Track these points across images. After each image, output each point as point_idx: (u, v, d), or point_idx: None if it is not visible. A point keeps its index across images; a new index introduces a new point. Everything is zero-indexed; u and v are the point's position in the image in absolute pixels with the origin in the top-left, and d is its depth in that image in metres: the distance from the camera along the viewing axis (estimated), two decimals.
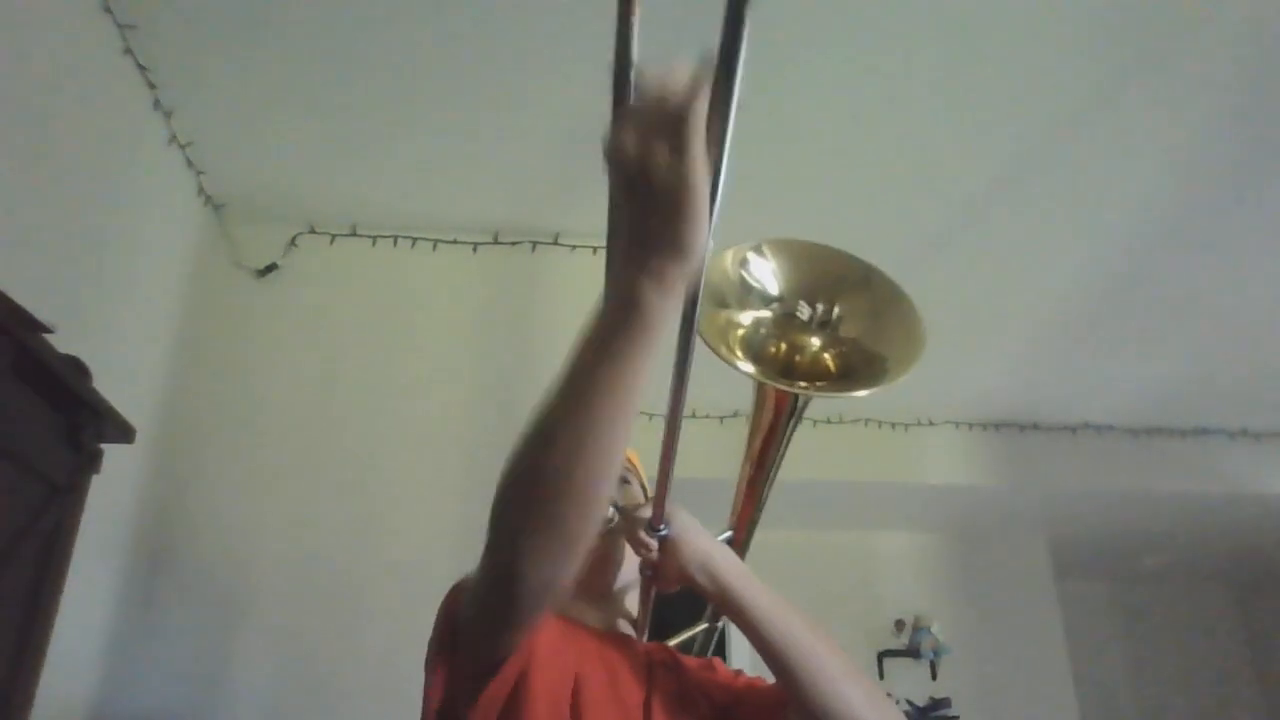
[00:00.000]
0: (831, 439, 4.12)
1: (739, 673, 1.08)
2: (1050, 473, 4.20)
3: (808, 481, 4.12)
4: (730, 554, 0.96)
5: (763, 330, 1.04)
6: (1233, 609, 5.69)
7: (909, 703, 4.34)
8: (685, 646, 1.36)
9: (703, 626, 1.47)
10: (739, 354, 1.01)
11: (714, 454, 2.39)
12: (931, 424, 4.19)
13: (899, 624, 4.46)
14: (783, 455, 1.12)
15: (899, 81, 2.31)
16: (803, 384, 1.04)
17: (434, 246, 2.83)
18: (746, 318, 1.04)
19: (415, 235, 2.83)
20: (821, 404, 4.06)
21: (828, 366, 1.05)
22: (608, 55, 0.60)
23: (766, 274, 1.05)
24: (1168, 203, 2.75)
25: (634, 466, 1.16)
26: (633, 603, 1.09)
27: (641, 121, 0.58)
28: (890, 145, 2.54)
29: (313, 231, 2.82)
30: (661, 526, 0.94)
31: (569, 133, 2.35)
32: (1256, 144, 2.51)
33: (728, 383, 1.11)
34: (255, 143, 2.54)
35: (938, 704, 4.33)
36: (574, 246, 2.73)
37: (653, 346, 0.63)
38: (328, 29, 2.17)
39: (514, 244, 2.85)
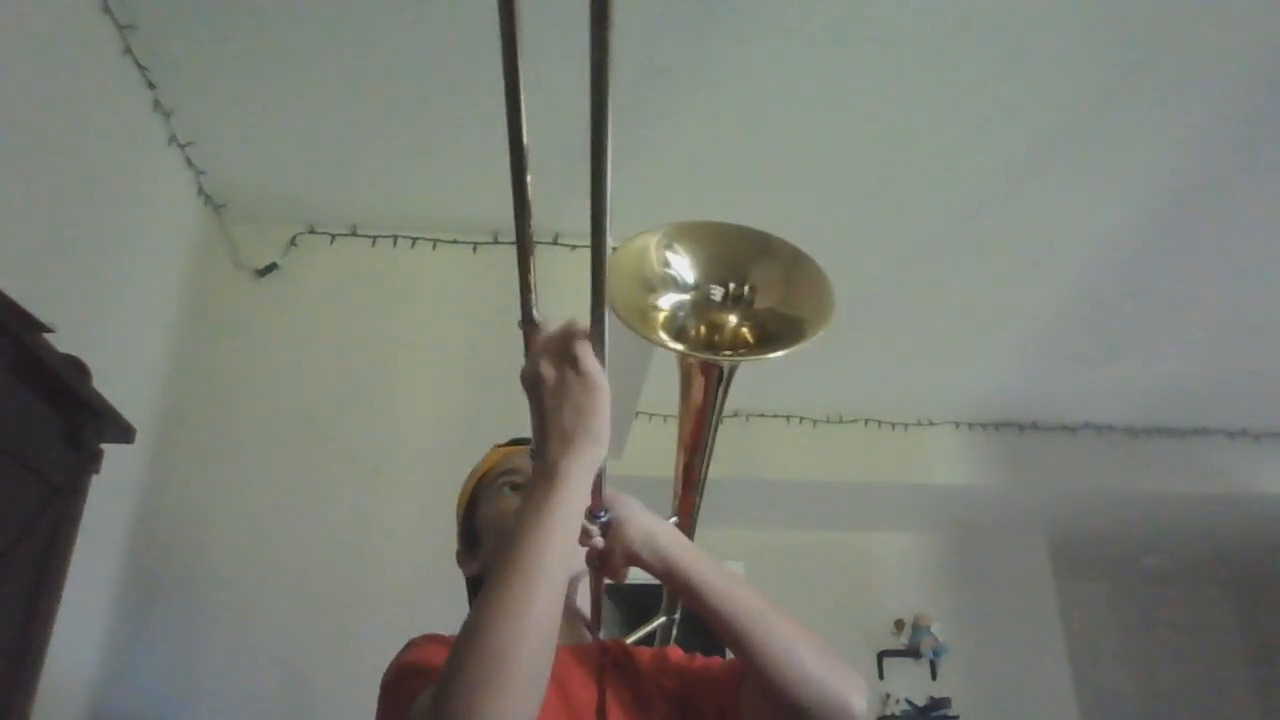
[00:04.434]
0: (831, 439, 4.12)
1: (694, 655, 1.07)
2: (1050, 473, 4.20)
3: (808, 481, 4.13)
4: (674, 530, 0.94)
5: (681, 314, 1.05)
6: (1233, 609, 5.69)
7: (909, 703, 4.34)
8: (646, 642, 1.35)
9: (660, 620, 1.46)
10: (664, 336, 1.02)
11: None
12: (931, 424, 4.20)
13: (899, 624, 4.47)
14: (714, 434, 1.13)
15: (899, 83, 2.31)
16: (726, 352, 1.06)
17: (434, 246, 2.83)
18: (666, 301, 1.05)
19: (415, 235, 2.83)
20: (821, 405, 4.07)
21: (746, 339, 1.06)
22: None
23: (677, 259, 1.07)
24: (1167, 203, 2.75)
25: None
26: (582, 602, 1.08)
27: (547, 355, 0.78)
28: (890, 146, 2.54)
29: (313, 231, 2.82)
30: (602, 512, 0.93)
31: (569, 133, 2.35)
32: (1255, 145, 2.52)
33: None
34: (255, 143, 2.54)
35: (938, 704, 4.33)
36: (574, 246, 2.73)
37: (578, 508, 0.78)
38: (328, 29, 2.17)
39: (510, 244, 2.84)
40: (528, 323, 0.81)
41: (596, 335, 0.78)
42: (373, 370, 2.66)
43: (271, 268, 2.73)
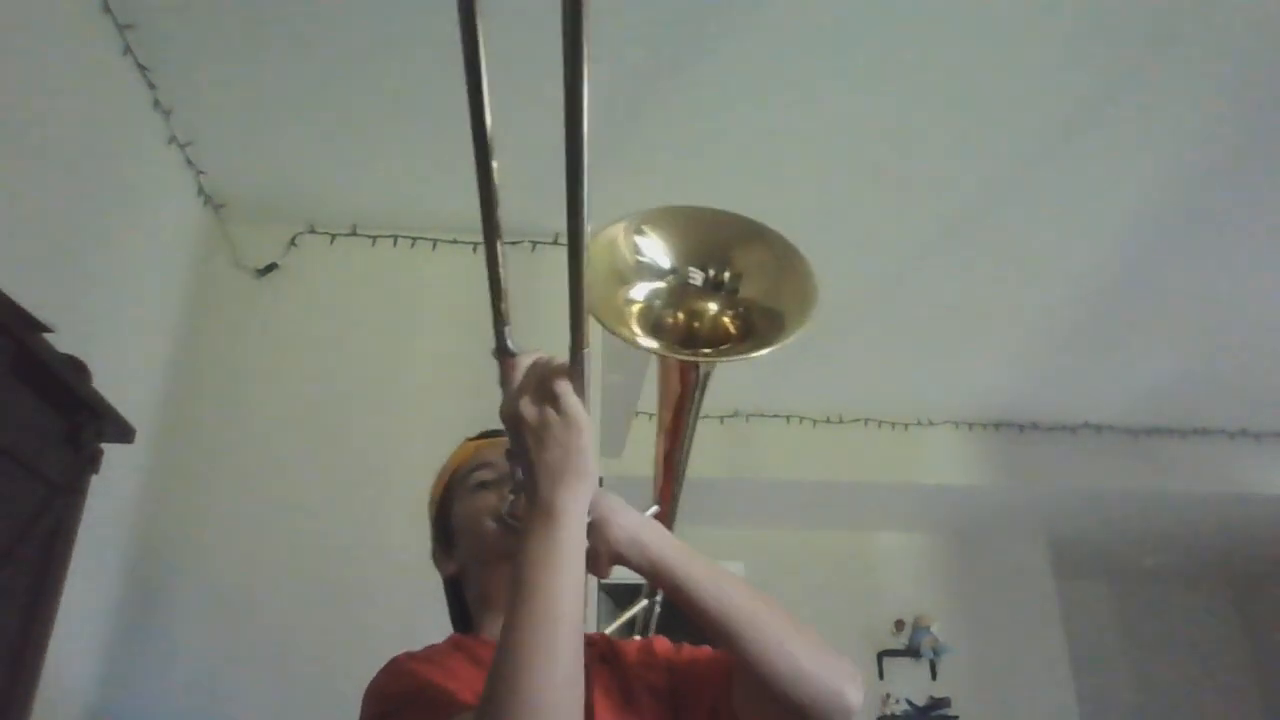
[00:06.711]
0: (831, 439, 4.12)
1: (681, 645, 1.05)
2: (1050, 473, 4.20)
3: (808, 481, 4.13)
4: (659, 527, 0.91)
5: (658, 302, 1.01)
6: (1233, 609, 5.69)
7: (909, 703, 4.34)
8: (627, 628, 1.34)
9: (641, 604, 1.44)
10: (638, 331, 0.98)
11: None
12: (931, 424, 4.20)
13: (899, 624, 4.47)
14: (694, 426, 1.10)
15: (899, 84, 2.31)
16: (705, 351, 1.02)
17: (434, 246, 2.83)
18: (641, 292, 1.01)
19: (415, 235, 2.83)
20: (821, 405, 4.07)
21: (728, 329, 1.02)
22: (605, 56, 0.62)
23: (654, 246, 1.03)
24: (1167, 204, 2.75)
25: None
26: None
27: (527, 393, 0.78)
28: (889, 147, 2.54)
29: (313, 231, 2.82)
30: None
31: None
32: (1255, 145, 2.51)
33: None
34: (255, 143, 2.54)
35: (938, 704, 4.34)
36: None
37: (581, 541, 0.78)
38: (328, 29, 2.17)
39: (514, 244, 2.85)
40: (502, 353, 0.81)
41: (576, 372, 0.78)
42: (373, 370, 2.66)
43: (271, 268, 2.73)
